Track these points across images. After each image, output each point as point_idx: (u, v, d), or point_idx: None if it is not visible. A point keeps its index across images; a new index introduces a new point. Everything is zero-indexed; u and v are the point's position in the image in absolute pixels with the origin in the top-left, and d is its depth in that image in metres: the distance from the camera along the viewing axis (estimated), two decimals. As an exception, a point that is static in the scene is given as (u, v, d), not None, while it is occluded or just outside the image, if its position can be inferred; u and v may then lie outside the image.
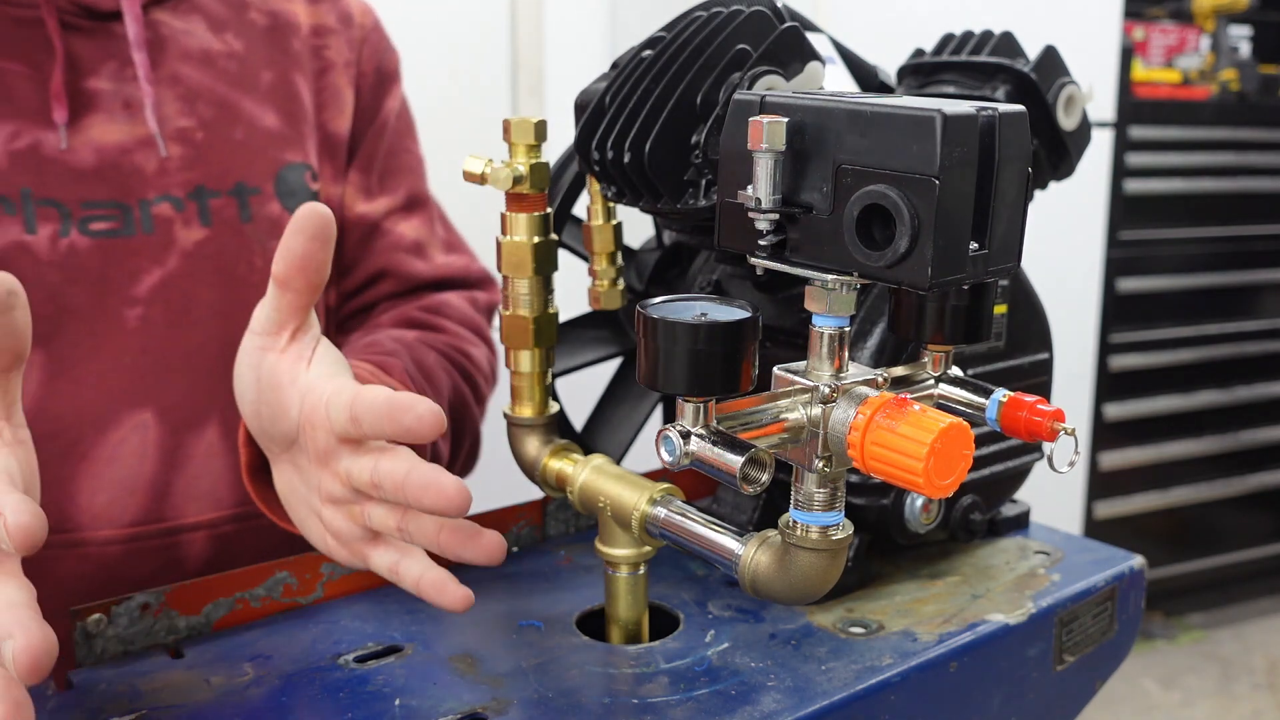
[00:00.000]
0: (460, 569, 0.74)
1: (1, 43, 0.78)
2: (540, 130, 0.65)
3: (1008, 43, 0.75)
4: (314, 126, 0.91)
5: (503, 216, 0.66)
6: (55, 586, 0.74)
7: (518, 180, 0.64)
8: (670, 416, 0.86)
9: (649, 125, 0.60)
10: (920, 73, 0.77)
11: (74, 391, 0.77)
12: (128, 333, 0.79)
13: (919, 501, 0.69)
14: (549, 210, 0.66)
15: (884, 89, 0.76)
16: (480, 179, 0.64)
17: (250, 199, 0.85)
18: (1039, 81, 0.73)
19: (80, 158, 0.79)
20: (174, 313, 0.81)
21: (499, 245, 0.66)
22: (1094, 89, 0.78)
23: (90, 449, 0.78)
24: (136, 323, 0.80)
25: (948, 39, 0.78)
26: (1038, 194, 0.77)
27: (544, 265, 0.66)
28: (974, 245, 0.46)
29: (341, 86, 0.94)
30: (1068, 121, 0.75)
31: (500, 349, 0.74)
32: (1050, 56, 0.74)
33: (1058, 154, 0.76)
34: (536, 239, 0.66)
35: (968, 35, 0.76)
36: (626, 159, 0.61)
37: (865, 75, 0.75)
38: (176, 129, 0.83)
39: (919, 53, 0.79)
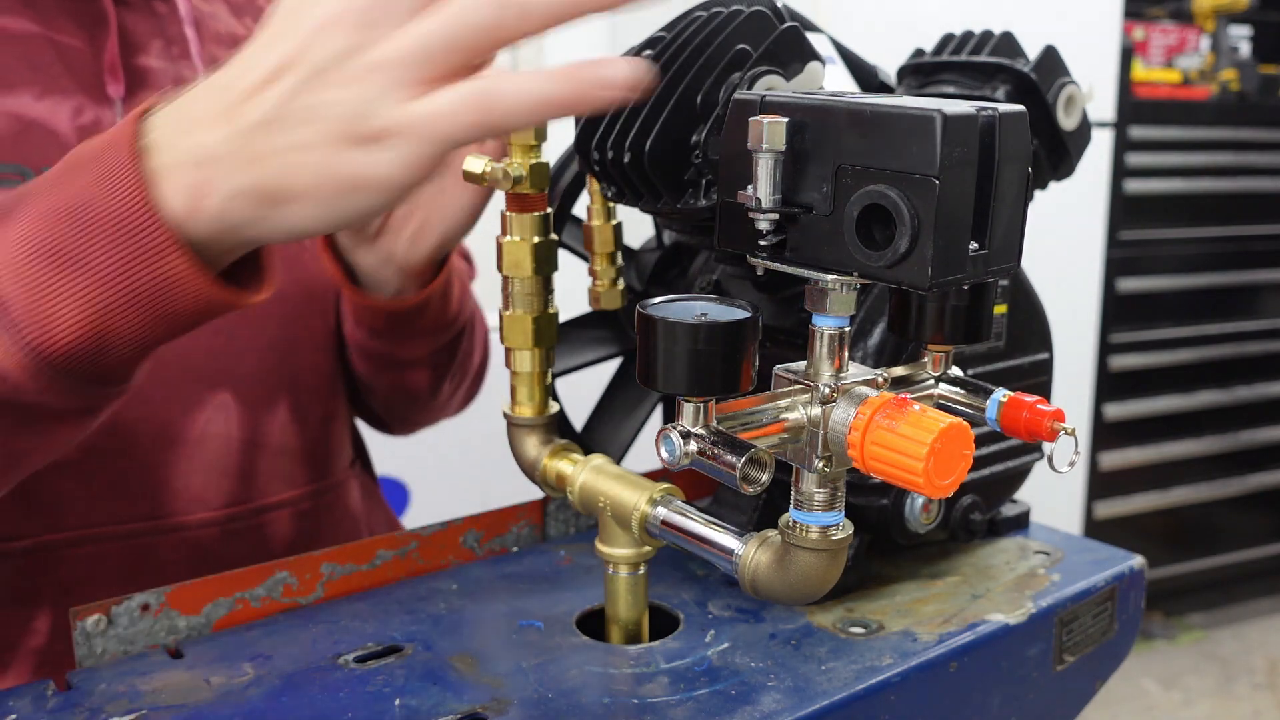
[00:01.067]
0: (460, 568, 0.74)
1: (61, 16, 0.77)
2: (540, 130, 0.65)
3: (1008, 43, 0.75)
4: None
5: (503, 216, 0.66)
6: (154, 574, 0.74)
7: (517, 180, 0.64)
8: (671, 416, 0.86)
9: (649, 125, 0.60)
10: (920, 73, 0.77)
11: (159, 372, 0.75)
12: None
13: (919, 501, 0.69)
14: (549, 210, 0.66)
15: (884, 89, 0.76)
16: (480, 179, 0.64)
17: None
18: (1039, 81, 0.73)
19: None
20: None
21: (499, 245, 0.66)
22: (1094, 89, 0.78)
23: (181, 431, 0.78)
24: None
25: (948, 39, 0.78)
26: (1038, 194, 0.77)
27: (544, 265, 0.66)
28: (974, 245, 0.46)
29: None
30: (1068, 121, 0.75)
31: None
32: (1050, 56, 0.74)
33: (1058, 154, 0.76)
34: (536, 239, 0.66)
35: (968, 35, 0.76)
36: (626, 159, 0.61)
37: (865, 75, 0.75)
38: None
39: (919, 53, 0.79)
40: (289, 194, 0.48)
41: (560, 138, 0.68)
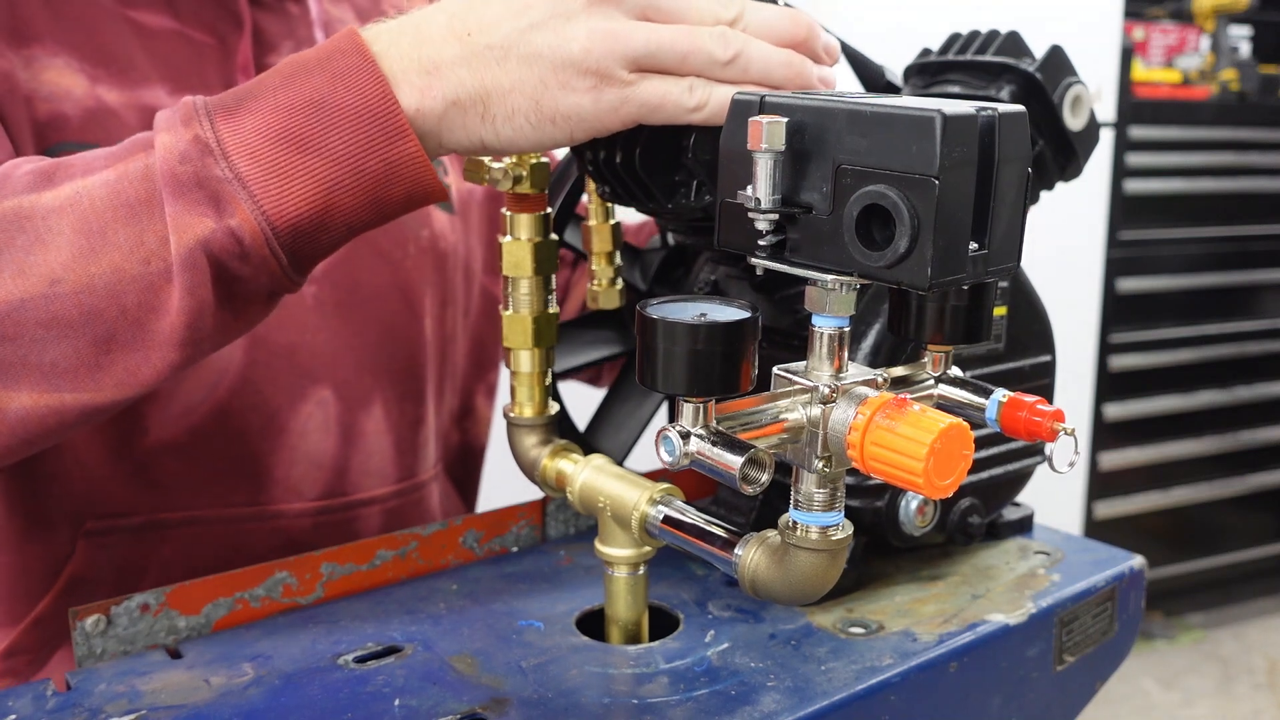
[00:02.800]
0: (460, 568, 0.74)
1: (197, 14, 0.79)
2: None
3: (1014, 42, 0.75)
4: None
5: (503, 216, 0.66)
6: (248, 558, 0.76)
7: (518, 180, 0.64)
8: (674, 416, 0.86)
9: (641, 125, 0.60)
10: (926, 72, 0.77)
11: (270, 363, 0.79)
12: (306, 309, 0.81)
13: (914, 504, 0.69)
14: (549, 210, 0.66)
15: (890, 88, 0.76)
16: (480, 178, 0.65)
17: None
18: (1044, 81, 0.72)
19: None
20: (341, 292, 0.83)
21: (499, 245, 0.66)
22: (1101, 89, 0.77)
23: (286, 422, 0.80)
24: (312, 300, 0.81)
25: (954, 38, 0.77)
26: (1040, 194, 0.77)
27: (544, 265, 0.66)
28: (974, 245, 0.46)
29: None
30: (1074, 122, 0.74)
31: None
32: (1056, 56, 0.73)
33: (1065, 155, 0.75)
34: (536, 239, 0.66)
35: (974, 35, 0.76)
36: (619, 159, 0.61)
37: (871, 74, 0.75)
38: None
39: (925, 52, 0.79)
40: (500, 113, 0.56)
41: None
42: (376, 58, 0.56)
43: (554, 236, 0.67)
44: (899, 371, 0.58)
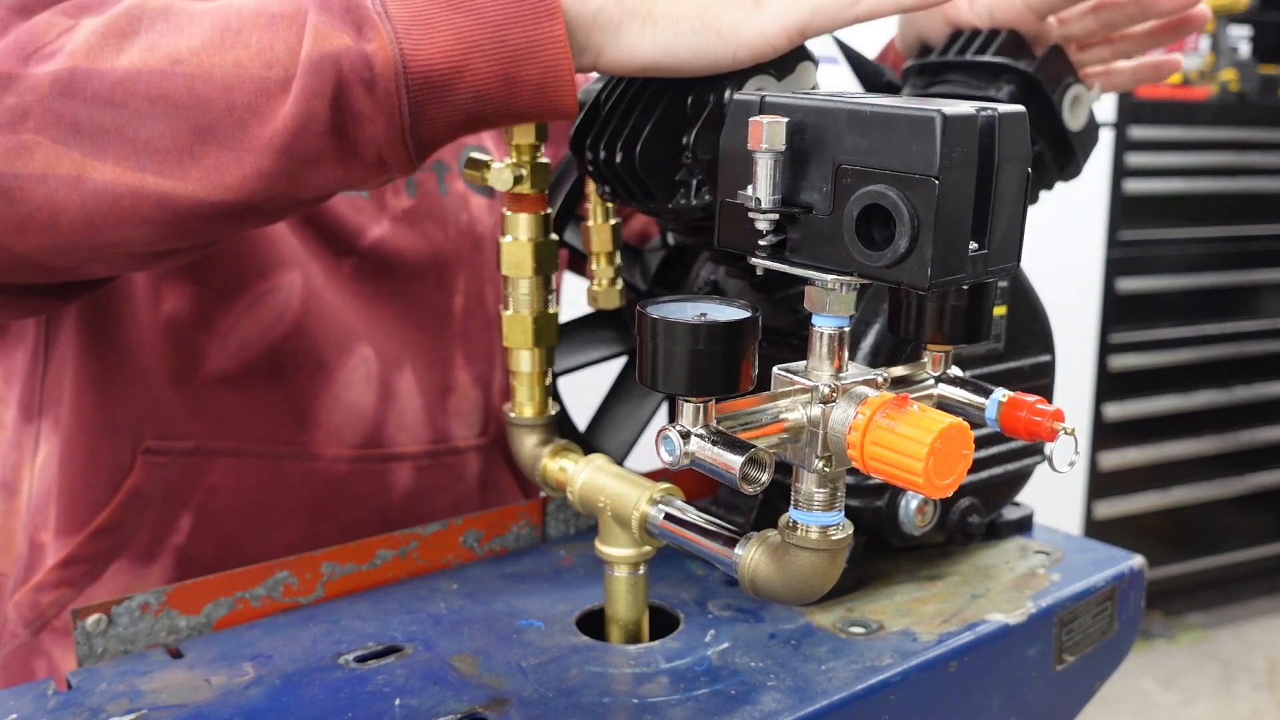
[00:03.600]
0: (460, 568, 0.74)
1: None
2: (541, 130, 0.65)
3: (1014, 42, 0.75)
4: None
5: (503, 217, 0.66)
6: (288, 493, 0.81)
7: (518, 180, 0.64)
8: (674, 416, 0.86)
9: (640, 126, 0.60)
10: (926, 72, 0.77)
11: (322, 314, 0.82)
12: (345, 277, 0.84)
13: (914, 504, 0.69)
14: (549, 210, 0.66)
15: (890, 88, 0.76)
16: (480, 178, 0.65)
17: (445, 175, 0.90)
18: (1044, 81, 0.72)
19: None
20: (379, 265, 0.86)
21: (499, 246, 0.66)
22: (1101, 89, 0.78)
23: (333, 371, 0.83)
24: (350, 270, 0.85)
25: (954, 38, 0.77)
26: (1040, 194, 0.77)
27: (544, 265, 0.66)
28: (974, 245, 0.46)
29: None
30: (1074, 122, 0.74)
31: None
32: (1056, 56, 0.73)
33: (1064, 154, 0.75)
34: (537, 239, 0.66)
35: (974, 34, 0.76)
36: (618, 159, 0.61)
37: (871, 75, 0.75)
38: None
39: (925, 52, 0.79)
40: (662, 17, 0.57)
41: (566, 138, 0.68)
42: None
43: (554, 236, 0.67)
44: (899, 371, 0.58)
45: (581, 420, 0.81)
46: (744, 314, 0.47)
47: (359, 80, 0.55)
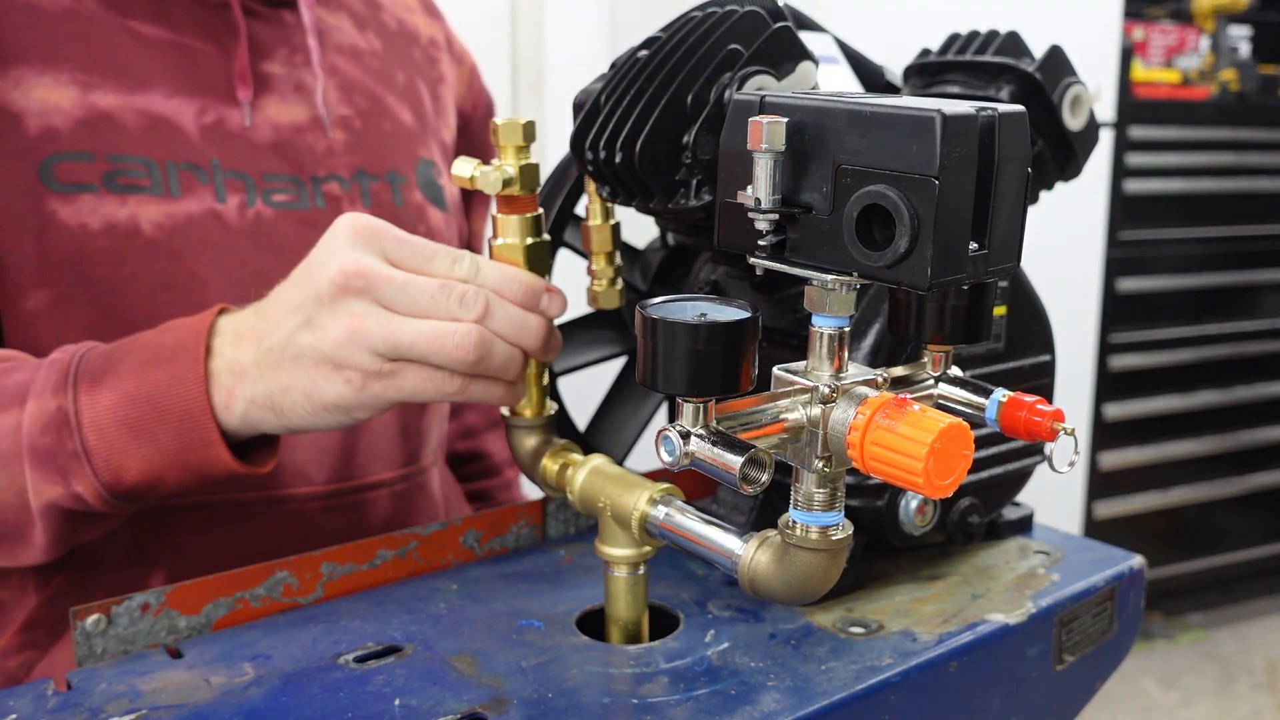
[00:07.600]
0: (460, 568, 0.74)
1: (192, 24, 0.83)
2: (529, 131, 0.65)
3: (1014, 43, 0.75)
4: (433, 130, 0.98)
5: (493, 219, 0.66)
6: (261, 543, 0.81)
7: (507, 182, 0.64)
8: (674, 416, 0.86)
9: (640, 125, 0.60)
10: (926, 73, 0.77)
11: None
12: None
13: (914, 504, 0.69)
14: (539, 212, 0.66)
15: (890, 89, 0.76)
16: (470, 182, 0.64)
17: (400, 186, 0.91)
18: (1044, 81, 0.72)
19: (260, 134, 0.84)
20: None
21: (490, 248, 0.66)
22: (1101, 89, 0.77)
23: None
24: None
25: (954, 39, 0.77)
26: (1040, 194, 0.77)
27: (536, 267, 0.66)
28: (974, 245, 0.46)
29: (449, 102, 1.01)
30: (1074, 122, 0.74)
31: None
32: (1056, 56, 0.73)
33: (1064, 155, 0.75)
34: (528, 241, 0.65)
35: (973, 35, 0.76)
36: (618, 159, 0.61)
37: (871, 75, 0.75)
38: (338, 115, 0.89)
39: (925, 52, 0.79)
40: (286, 406, 0.63)
41: (564, 137, 0.68)
42: (210, 357, 0.65)
43: (546, 237, 0.67)
44: (899, 371, 0.58)
45: (581, 420, 0.81)
46: (744, 314, 0.47)
47: (79, 511, 0.67)
